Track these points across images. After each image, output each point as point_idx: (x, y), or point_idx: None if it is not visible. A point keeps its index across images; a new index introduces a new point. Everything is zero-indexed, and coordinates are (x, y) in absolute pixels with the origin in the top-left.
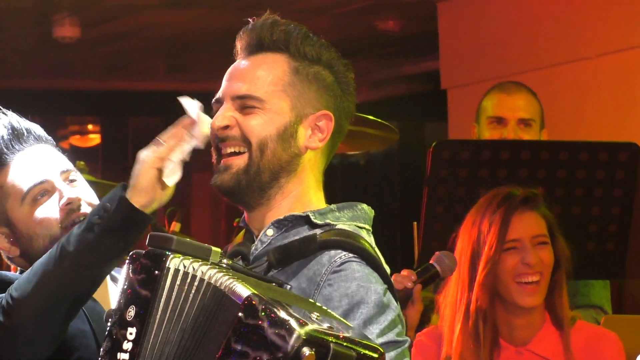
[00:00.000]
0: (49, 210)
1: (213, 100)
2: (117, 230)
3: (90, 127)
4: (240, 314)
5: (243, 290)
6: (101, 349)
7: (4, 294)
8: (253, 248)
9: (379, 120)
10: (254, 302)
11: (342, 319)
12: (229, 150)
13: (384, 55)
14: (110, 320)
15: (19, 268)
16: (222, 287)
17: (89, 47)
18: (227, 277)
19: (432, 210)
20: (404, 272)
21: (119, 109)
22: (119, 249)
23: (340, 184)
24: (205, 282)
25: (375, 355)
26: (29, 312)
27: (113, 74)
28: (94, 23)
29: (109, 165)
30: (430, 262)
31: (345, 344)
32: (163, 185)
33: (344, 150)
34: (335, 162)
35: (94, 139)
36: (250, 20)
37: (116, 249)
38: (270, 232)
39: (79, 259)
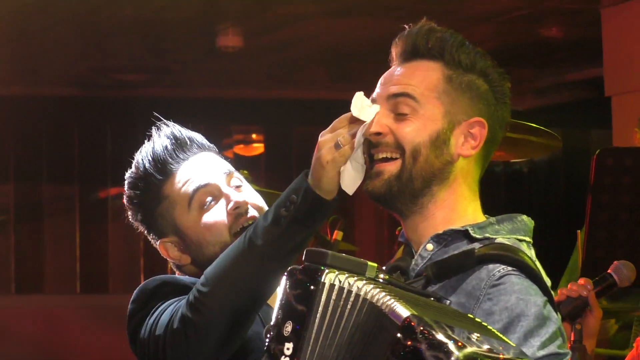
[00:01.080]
0: (217, 216)
1: (370, 98)
2: (304, 221)
3: (254, 136)
4: (399, 335)
5: (402, 310)
6: None
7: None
8: (413, 263)
9: (542, 127)
10: (412, 324)
11: (503, 337)
12: (382, 155)
13: (548, 63)
14: (268, 335)
15: (186, 275)
16: (380, 305)
17: (252, 57)
18: (384, 294)
19: (596, 218)
20: (581, 281)
21: (283, 118)
22: (305, 239)
23: (503, 191)
24: (360, 297)
25: None
26: (220, 307)
27: (277, 83)
28: (257, 33)
29: (273, 175)
30: (608, 271)
31: None
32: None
33: (507, 158)
34: (498, 170)
35: (258, 148)
36: (407, 27)
37: (302, 239)
38: (430, 246)
39: (268, 251)
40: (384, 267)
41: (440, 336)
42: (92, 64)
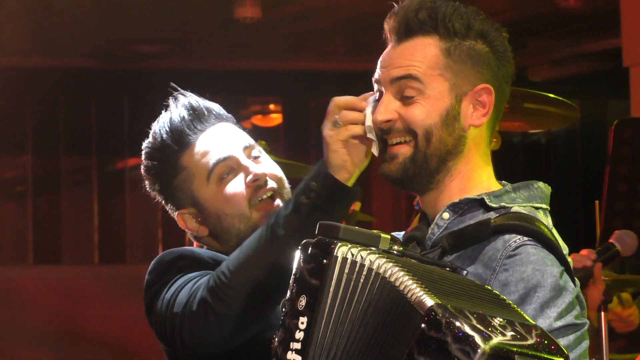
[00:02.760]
0: (236, 188)
1: (373, 79)
2: (325, 208)
3: (272, 107)
4: (423, 326)
5: (425, 298)
6: (275, 339)
7: (197, 273)
8: (429, 232)
9: (560, 98)
10: (438, 314)
11: (522, 313)
12: (395, 141)
13: (566, 33)
14: (283, 309)
15: (204, 246)
16: (397, 284)
17: (270, 28)
18: (397, 269)
19: (614, 189)
20: (584, 252)
21: (300, 88)
22: None
23: (521, 162)
24: (373, 272)
25: None
26: (242, 296)
27: (294, 54)
28: (275, 3)
29: (291, 145)
30: (610, 240)
31: (530, 352)
32: (357, 157)
33: (525, 129)
34: (516, 141)
35: (276, 118)
36: (395, 4)
37: None
38: (446, 215)
39: (291, 241)
40: (400, 234)
41: (466, 328)
42: (110, 35)
